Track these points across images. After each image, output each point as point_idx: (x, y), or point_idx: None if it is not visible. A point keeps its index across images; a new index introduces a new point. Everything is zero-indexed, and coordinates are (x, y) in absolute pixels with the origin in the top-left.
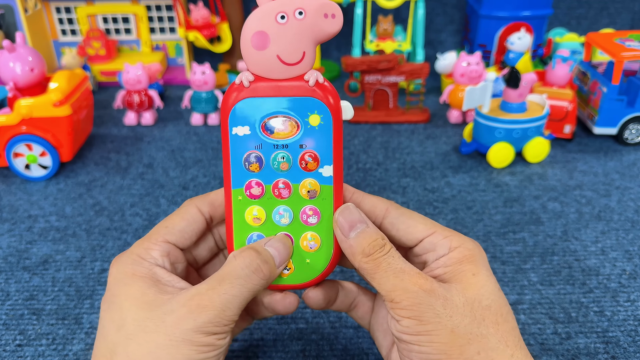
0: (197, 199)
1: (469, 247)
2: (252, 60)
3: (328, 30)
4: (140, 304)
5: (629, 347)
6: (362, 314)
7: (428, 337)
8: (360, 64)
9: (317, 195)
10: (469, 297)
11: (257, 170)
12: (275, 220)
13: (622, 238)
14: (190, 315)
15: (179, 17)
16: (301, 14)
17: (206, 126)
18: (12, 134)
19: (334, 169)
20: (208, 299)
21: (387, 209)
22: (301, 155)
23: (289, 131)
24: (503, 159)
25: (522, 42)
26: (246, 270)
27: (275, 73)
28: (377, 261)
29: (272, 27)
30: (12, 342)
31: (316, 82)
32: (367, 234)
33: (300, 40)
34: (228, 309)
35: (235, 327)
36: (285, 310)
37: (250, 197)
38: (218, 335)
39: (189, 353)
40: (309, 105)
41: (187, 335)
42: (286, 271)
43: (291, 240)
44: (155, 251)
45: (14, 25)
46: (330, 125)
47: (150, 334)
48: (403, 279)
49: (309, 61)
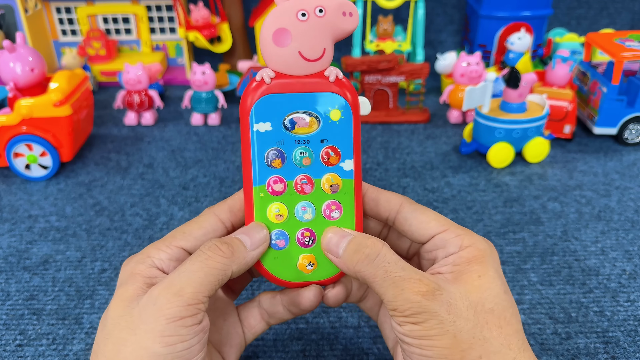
0: (215, 207)
1: (480, 247)
2: (273, 57)
3: (346, 27)
4: (121, 302)
5: (629, 347)
6: (371, 305)
7: (430, 342)
8: (360, 64)
9: (339, 190)
10: (473, 300)
11: (279, 167)
12: (298, 216)
13: (622, 238)
14: (150, 303)
15: (179, 17)
16: (321, 11)
17: (206, 126)
18: (13, 134)
19: (354, 163)
20: (168, 283)
21: (401, 204)
22: (323, 150)
23: (310, 126)
24: (503, 159)
25: (522, 42)
26: (204, 249)
27: (296, 69)
28: (372, 268)
29: (293, 24)
30: (12, 342)
31: (336, 78)
32: (353, 243)
33: (320, 37)
34: (188, 285)
35: (247, 331)
36: (310, 305)
37: (272, 193)
38: (184, 320)
39: (152, 346)
40: (330, 100)
41: (150, 326)
42: (310, 267)
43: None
44: (164, 253)
45: (14, 25)
46: (351, 119)
47: (121, 332)
48: (403, 288)
49: (328, 58)
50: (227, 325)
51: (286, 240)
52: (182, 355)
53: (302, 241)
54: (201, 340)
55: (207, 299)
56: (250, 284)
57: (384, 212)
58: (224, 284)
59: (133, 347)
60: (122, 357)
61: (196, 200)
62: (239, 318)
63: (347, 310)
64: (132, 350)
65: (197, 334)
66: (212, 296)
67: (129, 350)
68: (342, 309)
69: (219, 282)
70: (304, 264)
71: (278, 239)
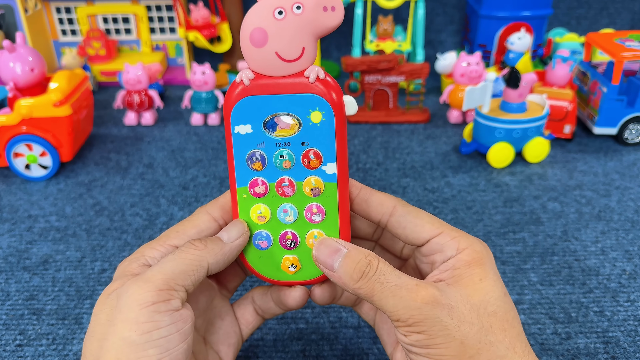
0: (208, 206)
1: (477, 249)
2: (252, 58)
3: (328, 24)
4: (102, 297)
5: (629, 347)
6: (367, 310)
7: (438, 351)
8: (360, 64)
9: (321, 193)
10: (475, 304)
11: (260, 169)
12: (280, 218)
13: (622, 238)
14: (123, 293)
15: (179, 17)
16: (299, 8)
17: (206, 126)
18: (12, 134)
19: (337, 166)
20: (142, 274)
21: (394, 206)
22: (304, 153)
23: (290, 129)
24: (503, 159)
25: (522, 42)
26: (181, 247)
27: (274, 70)
28: (370, 283)
29: (269, 24)
30: (12, 342)
31: (317, 78)
32: (349, 258)
33: (299, 35)
34: (158, 272)
35: (244, 327)
36: (296, 304)
37: (254, 195)
38: (157, 305)
39: (129, 335)
40: (310, 102)
41: (124, 315)
42: (292, 269)
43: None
44: (157, 252)
45: (14, 25)
46: (333, 122)
47: (102, 326)
48: (402, 296)
49: (309, 57)
50: (224, 325)
51: (269, 241)
52: (160, 343)
53: (285, 244)
54: (180, 329)
55: (183, 288)
56: (247, 279)
57: (375, 214)
58: (211, 276)
59: (113, 339)
60: (104, 351)
61: (196, 200)
62: (235, 316)
63: (347, 310)
64: (112, 343)
65: (173, 321)
66: (188, 285)
67: (110, 343)
68: (342, 309)
69: (194, 272)
70: (286, 266)
71: (261, 240)
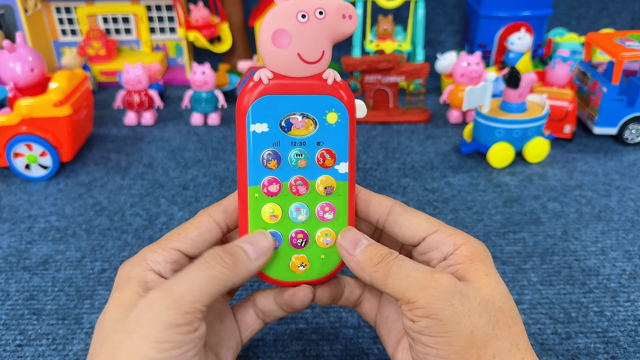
0: (210, 209)
1: (474, 244)
2: (272, 58)
3: (345, 30)
4: (118, 306)
5: (629, 347)
6: (368, 310)
7: (447, 339)
8: (360, 64)
9: (334, 192)
10: (484, 297)
11: (274, 168)
12: (292, 217)
13: (622, 238)
14: (148, 308)
15: (179, 17)
16: (321, 13)
17: (206, 126)
18: (12, 134)
19: (349, 166)
20: (168, 289)
21: (392, 206)
22: (319, 152)
23: (305, 128)
24: (503, 159)
25: (522, 42)
26: (207, 258)
27: (294, 71)
28: (388, 266)
29: (293, 26)
30: (12, 342)
31: (334, 81)
32: (372, 247)
33: (320, 39)
34: (187, 293)
35: (244, 330)
36: (301, 304)
37: (267, 194)
38: (181, 327)
39: (147, 351)
40: (328, 103)
41: (147, 331)
42: (302, 268)
43: (278, 239)
44: (160, 256)
45: (14, 25)
46: (347, 123)
47: (118, 335)
48: (416, 277)
49: (326, 60)
50: (224, 328)
51: (279, 240)
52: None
53: (295, 242)
54: (196, 346)
55: (205, 308)
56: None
57: (374, 214)
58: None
59: (129, 351)
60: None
61: (196, 200)
62: (235, 319)
63: (347, 311)
64: (128, 354)
65: (193, 341)
66: (210, 303)
67: (125, 353)
68: (342, 309)
69: (218, 292)
70: (296, 265)
71: None
